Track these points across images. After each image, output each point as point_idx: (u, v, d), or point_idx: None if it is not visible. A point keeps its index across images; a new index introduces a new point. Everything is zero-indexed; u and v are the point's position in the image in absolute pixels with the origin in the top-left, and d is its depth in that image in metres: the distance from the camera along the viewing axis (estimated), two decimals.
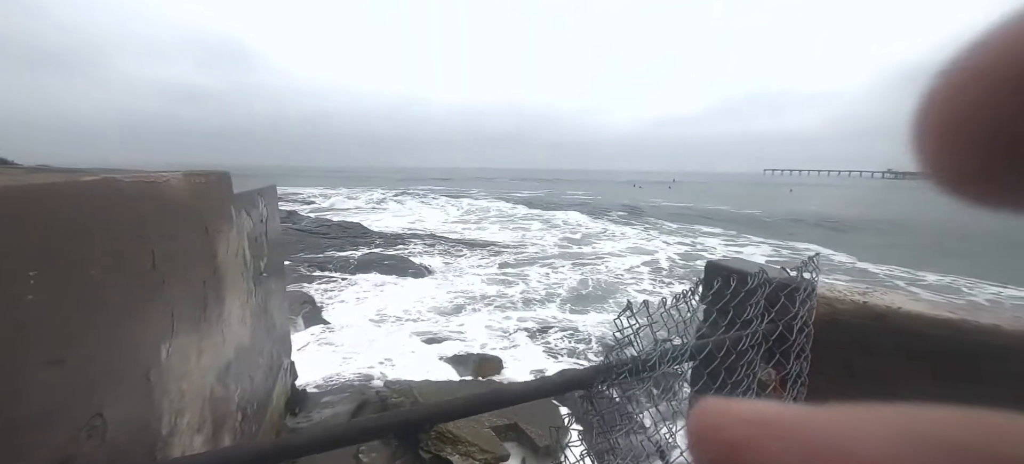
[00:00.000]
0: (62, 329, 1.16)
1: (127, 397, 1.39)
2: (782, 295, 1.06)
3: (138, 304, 1.49)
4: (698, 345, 0.96)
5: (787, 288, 1.06)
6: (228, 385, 2.43)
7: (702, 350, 0.96)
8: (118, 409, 1.34)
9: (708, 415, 0.14)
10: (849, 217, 29.93)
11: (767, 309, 1.04)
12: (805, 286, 1.09)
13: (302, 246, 13.79)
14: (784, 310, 1.06)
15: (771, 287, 1.04)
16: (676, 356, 0.92)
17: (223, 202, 2.55)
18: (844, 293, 1.34)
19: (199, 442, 1.93)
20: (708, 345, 0.96)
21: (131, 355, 1.43)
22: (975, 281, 12.28)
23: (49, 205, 1.12)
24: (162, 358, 1.61)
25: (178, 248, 1.84)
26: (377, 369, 5.85)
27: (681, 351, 0.93)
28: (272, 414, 3.56)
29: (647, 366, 0.86)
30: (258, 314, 3.24)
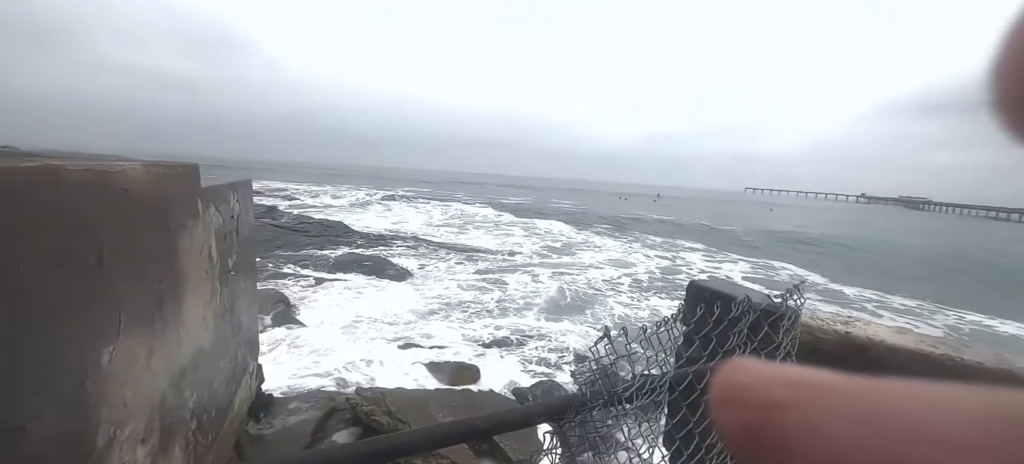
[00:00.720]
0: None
1: (57, 406, 1.26)
2: (766, 324, 1.02)
3: (78, 304, 1.36)
4: (678, 375, 0.90)
5: (771, 316, 1.02)
6: (183, 391, 2.28)
7: (682, 381, 0.91)
8: (45, 420, 1.21)
9: (740, 373, 0.13)
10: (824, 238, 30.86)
11: (750, 337, 1.00)
12: (789, 314, 1.05)
13: (280, 243, 13.41)
14: (767, 339, 1.02)
15: (755, 315, 1.00)
16: (655, 387, 0.86)
17: (188, 196, 2.41)
18: (827, 322, 1.31)
19: (143, 454, 1.78)
20: (688, 375, 0.91)
21: (65, 361, 1.30)
22: (939, 306, 12.74)
23: None
24: (103, 363, 1.47)
25: (132, 243, 1.71)
26: (349, 374, 5.66)
27: (660, 382, 0.88)
28: (233, 421, 3.38)
29: (623, 398, 0.80)
30: (223, 315, 3.08)
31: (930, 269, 19.93)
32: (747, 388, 0.12)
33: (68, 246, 1.31)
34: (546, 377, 6.35)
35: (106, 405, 1.49)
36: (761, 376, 0.12)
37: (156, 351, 1.92)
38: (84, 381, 1.37)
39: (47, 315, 1.23)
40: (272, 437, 3.91)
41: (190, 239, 2.37)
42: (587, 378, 0.81)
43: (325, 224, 17.81)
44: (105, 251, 1.48)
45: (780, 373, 0.12)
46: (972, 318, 11.91)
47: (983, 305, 12.82)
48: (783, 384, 0.12)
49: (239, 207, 3.60)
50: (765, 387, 0.12)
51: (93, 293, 1.42)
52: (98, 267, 1.44)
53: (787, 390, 0.12)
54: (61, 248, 1.27)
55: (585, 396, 0.78)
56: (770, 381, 0.12)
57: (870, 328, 1.30)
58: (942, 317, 11.95)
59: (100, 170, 1.49)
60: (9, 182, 1.12)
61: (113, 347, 1.53)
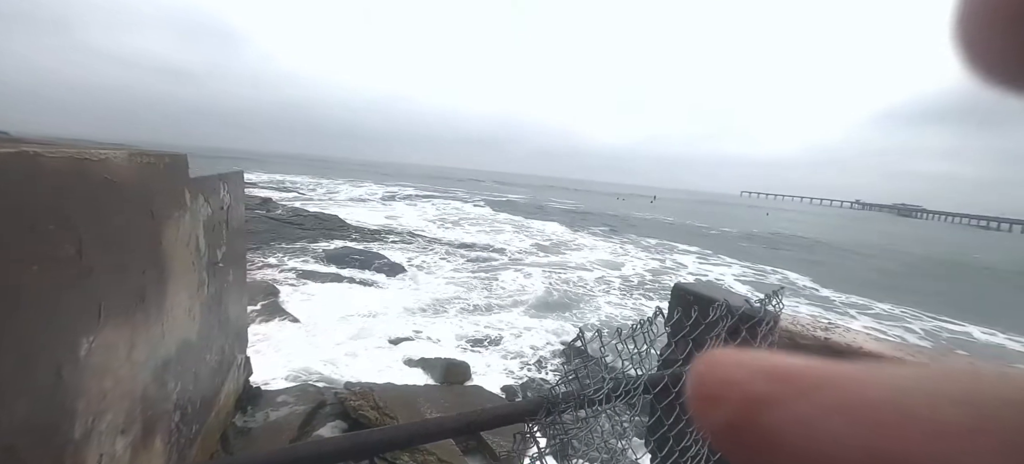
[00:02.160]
0: None
1: (29, 396, 1.25)
2: (743, 328, 1.02)
3: (55, 294, 1.35)
4: (653, 378, 0.90)
5: (750, 320, 1.03)
6: (166, 382, 2.26)
7: (657, 383, 0.91)
8: (17, 410, 1.20)
9: (720, 367, 0.12)
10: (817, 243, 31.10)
11: (727, 342, 1.00)
12: (768, 319, 1.05)
13: (273, 235, 13.33)
14: (745, 344, 1.02)
15: (733, 318, 1.00)
16: (629, 388, 0.87)
17: (175, 186, 2.39)
18: (807, 327, 1.31)
19: (122, 445, 1.77)
20: (664, 378, 0.91)
21: (40, 349, 1.28)
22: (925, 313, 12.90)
23: None
24: (81, 353, 1.46)
25: (114, 233, 1.69)
26: (338, 368, 5.65)
27: (635, 383, 0.88)
28: (219, 413, 3.36)
29: (594, 399, 0.80)
30: (210, 306, 3.06)
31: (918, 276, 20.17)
32: (730, 383, 0.11)
33: (45, 236, 1.29)
34: (535, 375, 6.36)
35: (83, 396, 1.48)
36: (744, 369, 0.12)
37: (138, 342, 1.90)
38: (60, 371, 1.35)
39: (21, 305, 1.21)
40: (259, 430, 3.90)
41: (176, 230, 2.35)
42: (560, 378, 0.80)
43: (319, 217, 17.73)
44: (85, 241, 1.46)
45: (763, 365, 0.11)
46: (954, 327, 12.06)
47: (966, 314, 12.99)
48: (768, 377, 0.11)
49: (230, 199, 3.57)
50: (749, 381, 0.11)
51: (71, 284, 1.40)
52: (77, 257, 1.42)
53: (773, 384, 0.11)
54: (37, 238, 1.26)
55: (557, 397, 0.78)
56: (755, 375, 0.11)
57: (849, 335, 1.31)
58: (922, 324, 12.08)
59: (80, 158, 1.47)
60: None
61: (92, 337, 1.51)
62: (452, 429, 0.75)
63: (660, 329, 0.94)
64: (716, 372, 0.12)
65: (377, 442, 0.65)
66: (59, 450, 1.37)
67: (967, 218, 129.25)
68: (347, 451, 0.63)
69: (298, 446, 0.78)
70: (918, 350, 1.25)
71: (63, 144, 1.59)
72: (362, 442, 0.63)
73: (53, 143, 1.63)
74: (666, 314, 1.58)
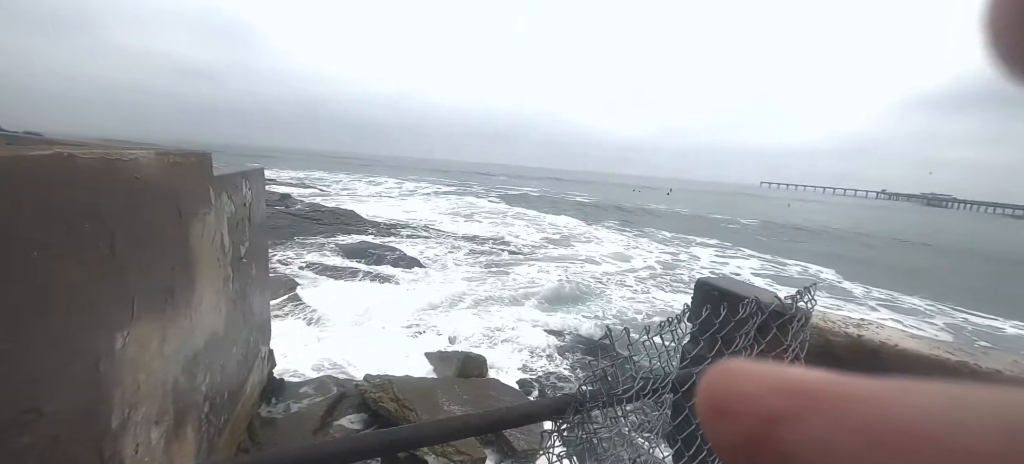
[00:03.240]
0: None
1: (71, 389, 1.30)
2: (774, 325, 1.00)
3: (91, 290, 1.39)
4: (681, 376, 0.89)
5: (780, 318, 1.00)
6: (195, 375, 2.33)
7: (685, 381, 0.89)
8: (59, 402, 1.25)
9: (732, 378, 0.11)
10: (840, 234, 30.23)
11: (757, 339, 0.98)
12: (799, 316, 1.02)
13: (293, 231, 13.60)
14: (775, 341, 0.99)
15: (763, 316, 0.98)
16: (656, 387, 0.85)
17: (201, 184, 2.44)
18: (838, 325, 1.27)
19: (156, 434, 1.84)
20: (692, 376, 0.89)
21: (79, 345, 1.33)
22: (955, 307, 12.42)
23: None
24: (117, 347, 1.51)
25: (144, 231, 1.74)
26: (358, 361, 5.75)
27: (663, 382, 0.86)
28: (245, 404, 3.46)
29: (623, 398, 0.79)
30: (235, 301, 3.14)
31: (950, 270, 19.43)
32: (745, 397, 0.11)
33: (81, 234, 1.33)
34: (549, 368, 6.37)
35: (120, 387, 1.53)
36: (759, 384, 0.11)
37: (169, 336, 1.96)
38: (98, 364, 1.40)
39: (61, 301, 1.26)
40: (283, 420, 4.00)
41: (202, 227, 2.41)
42: (587, 377, 0.80)
43: (336, 212, 18.00)
44: (117, 239, 1.51)
45: (779, 379, 0.11)
46: (977, 321, 11.60)
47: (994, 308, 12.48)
48: (784, 392, 0.11)
49: (251, 195, 3.64)
50: (765, 396, 0.11)
51: (106, 280, 1.45)
52: (111, 254, 1.47)
53: (789, 399, 0.10)
54: (74, 236, 1.30)
55: (585, 396, 0.77)
56: (770, 389, 0.11)
57: (883, 332, 1.26)
58: (945, 319, 11.64)
59: (112, 158, 1.52)
60: (22, 169, 1.14)
61: (127, 332, 1.56)
62: (478, 427, 0.75)
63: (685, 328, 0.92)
64: (728, 384, 0.11)
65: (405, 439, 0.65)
66: (98, 440, 1.43)
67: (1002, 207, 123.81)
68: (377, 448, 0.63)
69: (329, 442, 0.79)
70: (956, 347, 1.20)
71: (94, 144, 1.64)
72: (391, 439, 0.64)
73: (84, 144, 1.68)
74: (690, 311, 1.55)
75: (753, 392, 0.11)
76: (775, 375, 0.11)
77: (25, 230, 1.15)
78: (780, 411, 0.10)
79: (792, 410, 0.10)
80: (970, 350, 1.19)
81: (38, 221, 1.19)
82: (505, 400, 4.86)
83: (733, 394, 0.11)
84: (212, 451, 2.63)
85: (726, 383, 0.12)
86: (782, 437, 0.10)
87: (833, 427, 0.09)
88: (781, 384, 0.11)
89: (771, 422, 0.10)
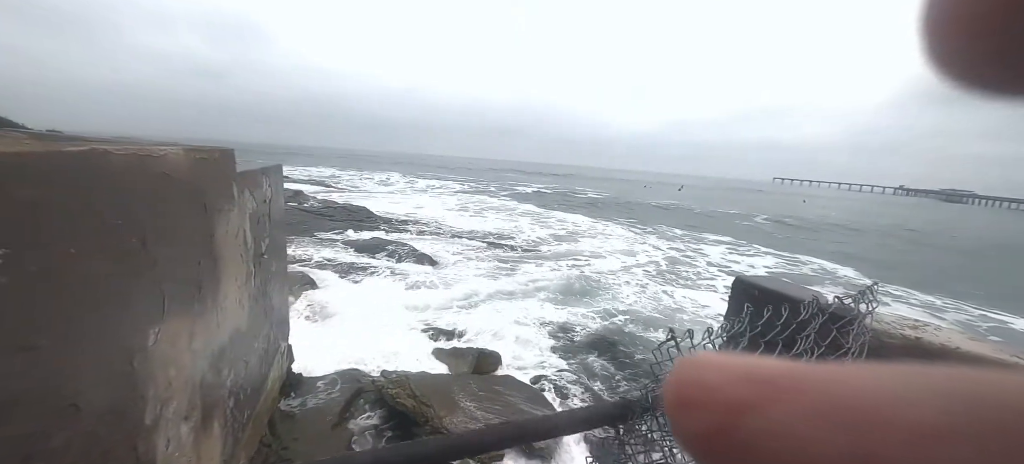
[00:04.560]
0: (36, 313, 1.06)
1: (107, 384, 1.30)
2: (834, 328, 0.95)
3: (125, 286, 1.39)
4: None
5: (841, 320, 0.95)
6: (221, 370, 2.35)
7: None
8: (96, 397, 1.25)
9: (698, 371, 0.12)
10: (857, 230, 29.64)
11: (817, 343, 0.93)
12: (860, 319, 0.97)
13: (306, 227, 13.74)
14: (835, 344, 0.95)
15: (824, 317, 0.93)
16: None
17: (225, 180, 2.45)
18: (893, 325, 1.21)
19: (186, 430, 1.84)
20: None
21: (115, 340, 1.33)
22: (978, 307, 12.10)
23: (23, 176, 1.02)
24: (149, 343, 1.51)
25: (173, 227, 1.74)
26: (374, 356, 5.77)
27: None
28: (266, 399, 3.48)
29: None
30: (257, 297, 3.16)
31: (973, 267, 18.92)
32: (710, 388, 0.11)
33: (114, 230, 1.33)
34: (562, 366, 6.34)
35: (152, 384, 1.53)
36: (723, 374, 0.11)
37: (197, 332, 1.97)
38: (132, 360, 1.40)
39: (96, 297, 1.26)
40: (302, 415, 4.03)
41: (227, 223, 2.41)
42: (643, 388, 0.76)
43: (349, 209, 18.13)
44: (148, 234, 1.51)
45: (743, 369, 0.11)
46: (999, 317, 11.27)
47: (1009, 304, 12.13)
48: (747, 382, 0.11)
49: (271, 192, 3.66)
50: (728, 387, 0.11)
51: (139, 276, 1.45)
52: (142, 250, 1.46)
53: (751, 389, 0.11)
54: (108, 231, 1.30)
55: (645, 400, 0.73)
56: (733, 379, 0.11)
57: (942, 334, 1.20)
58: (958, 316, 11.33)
59: (143, 155, 1.51)
60: (58, 165, 1.13)
61: (158, 328, 1.57)
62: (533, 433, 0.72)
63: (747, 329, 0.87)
64: (693, 375, 0.12)
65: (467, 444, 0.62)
66: (132, 435, 1.44)
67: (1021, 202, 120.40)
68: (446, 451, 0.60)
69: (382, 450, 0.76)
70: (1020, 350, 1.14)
71: (127, 141, 1.64)
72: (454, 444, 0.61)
73: (118, 140, 1.68)
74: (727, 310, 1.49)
75: (716, 383, 0.11)
76: (739, 365, 0.11)
77: (61, 226, 1.15)
78: (742, 401, 0.10)
79: (754, 399, 0.10)
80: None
81: (74, 217, 1.19)
82: (518, 396, 4.84)
83: (697, 385, 0.11)
84: (236, 446, 2.65)
85: (691, 374, 0.12)
86: (744, 426, 0.10)
87: (795, 414, 0.10)
88: (744, 374, 0.11)
89: (734, 412, 0.10)
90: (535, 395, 5.07)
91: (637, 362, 6.65)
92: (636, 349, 7.11)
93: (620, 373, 6.28)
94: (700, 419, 0.11)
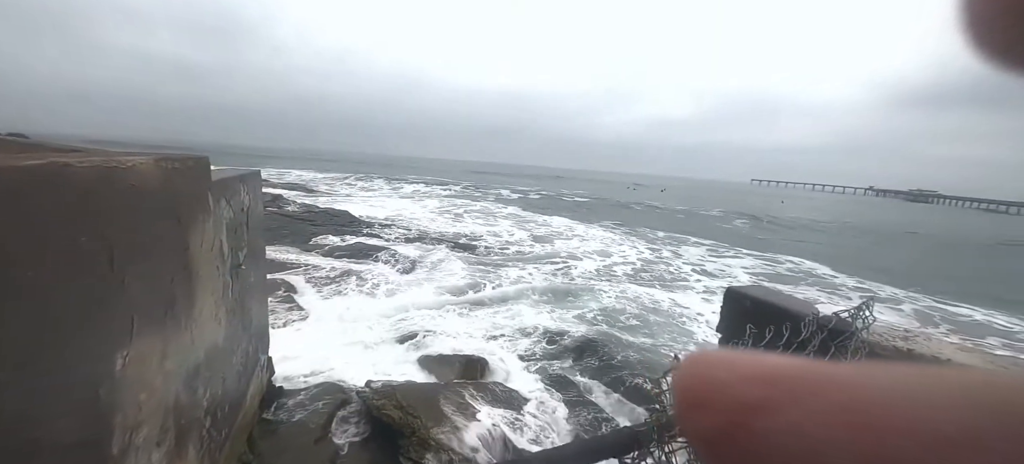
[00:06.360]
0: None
1: (71, 416, 1.21)
2: (833, 344, 0.94)
3: (90, 309, 1.30)
4: None
5: (840, 335, 0.94)
6: (196, 389, 2.24)
7: None
8: (59, 431, 1.16)
9: (708, 368, 0.11)
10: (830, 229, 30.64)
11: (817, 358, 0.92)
12: (858, 333, 0.96)
13: (286, 232, 13.38)
14: (835, 360, 0.94)
15: (823, 335, 0.92)
16: None
17: (200, 190, 2.34)
18: (884, 337, 1.21)
19: (158, 457, 1.74)
20: None
21: (78, 370, 1.24)
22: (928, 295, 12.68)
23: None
24: (117, 369, 1.41)
25: (143, 242, 1.65)
26: (355, 364, 5.64)
27: None
28: (246, 415, 3.35)
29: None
30: (234, 310, 3.03)
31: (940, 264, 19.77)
32: (722, 387, 0.11)
33: (78, 247, 1.24)
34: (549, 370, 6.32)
35: (120, 411, 1.44)
36: (735, 373, 0.11)
37: (170, 351, 1.86)
38: (98, 388, 1.31)
39: (58, 322, 1.17)
40: (284, 430, 3.90)
41: (201, 234, 2.31)
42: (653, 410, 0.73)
43: (330, 213, 17.78)
44: (116, 251, 1.42)
45: (755, 368, 0.11)
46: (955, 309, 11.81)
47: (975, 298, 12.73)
48: (760, 381, 0.10)
49: (249, 199, 3.53)
50: (740, 386, 0.11)
51: (105, 296, 1.36)
52: (109, 270, 1.37)
53: (765, 388, 0.10)
54: (71, 250, 1.20)
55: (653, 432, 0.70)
56: (745, 379, 0.11)
57: (932, 344, 1.21)
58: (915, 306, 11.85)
59: (109, 166, 1.42)
60: (13, 181, 1.05)
61: (126, 351, 1.47)
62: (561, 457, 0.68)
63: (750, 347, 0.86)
64: (703, 374, 0.11)
65: None
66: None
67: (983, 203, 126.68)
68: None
69: None
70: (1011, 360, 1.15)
71: (91, 151, 1.54)
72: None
73: (80, 150, 1.58)
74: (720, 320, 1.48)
75: (727, 381, 0.11)
76: (750, 364, 0.11)
77: (18, 247, 1.06)
78: (756, 400, 0.10)
79: (768, 399, 0.10)
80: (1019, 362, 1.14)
81: (32, 237, 1.10)
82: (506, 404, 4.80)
83: (709, 384, 0.11)
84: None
85: (701, 373, 0.11)
86: (758, 426, 0.10)
87: (810, 414, 0.09)
88: (756, 373, 0.11)
89: (747, 412, 0.10)
90: (523, 401, 5.03)
91: (623, 364, 6.68)
92: (623, 351, 7.15)
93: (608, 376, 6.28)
94: (711, 418, 0.10)
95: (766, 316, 1.15)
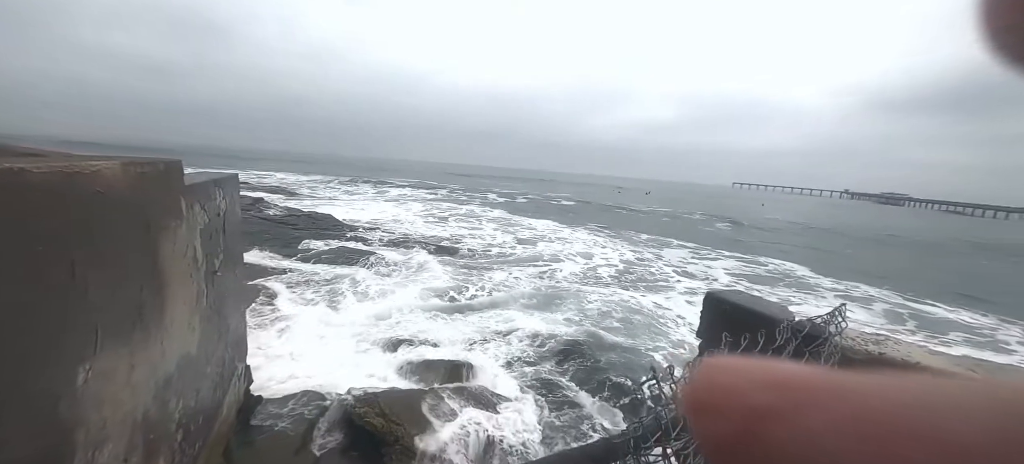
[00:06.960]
0: None
1: (28, 436, 1.14)
2: (807, 350, 0.95)
3: (48, 321, 1.24)
4: None
5: (814, 341, 0.95)
6: (168, 401, 2.15)
7: None
8: (15, 450, 1.09)
9: (720, 374, 0.11)
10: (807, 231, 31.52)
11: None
12: (832, 338, 0.98)
13: (267, 237, 13.09)
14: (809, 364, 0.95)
15: (798, 341, 0.93)
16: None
17: (171, 194, 2.26)
18: (858, 341, 1.24)
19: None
20: None
21: (36, 384, 1.18)
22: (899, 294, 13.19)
23: None
24: (78, 383, 1.35)
25: (108, 250, 1.58)
26: (337, 371, 5.52)
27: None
28: (221, 426, 3.25)
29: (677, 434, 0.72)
30: (210, 317, 2.94)
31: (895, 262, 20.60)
32: (733, 393, 0.11)
33: (35, 259, 1.18)
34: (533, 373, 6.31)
35: (82, 427, 1.37)
36: (746, 379, 0.11)
37: (138, 363, 1.79)
38: (57, 404, 1.25)
39: (13, 336, 1.10)
40: (262, 441, 3.79)
41: (173, 241, 2.23)
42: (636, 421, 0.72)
43: (313, 217, 17.48)
44: (78, 261, 1.35)
45: (767, 374, 0.11)
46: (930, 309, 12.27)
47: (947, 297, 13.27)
48: (773, 388, 0.10)
49: (225, 203, 3.44)
50: (753, 392, 0.11)
51: (66, 308, 1.29)
52: (70, 280, 1.31)
53: (777, 395, 0.10)
54: (27, 262, 1.14)
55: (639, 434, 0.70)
56: (757, 385, 0.11)
57: (903, 347, 1.23)
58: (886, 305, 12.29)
59: (71, 172, 1.36)
60: None
61: (89, 365, 1.40)
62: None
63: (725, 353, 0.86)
64: (716, 380, 0.11)
65: None
66: None
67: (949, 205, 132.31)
68: None
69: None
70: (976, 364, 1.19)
71: (52, 155, 1.47)
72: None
73: (41, 154, 1.50)
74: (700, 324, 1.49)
75: (740, 388, 0.11)
76: (762, 370, 0.11)
77: None
78: (768, 407, 0.10)
79: (780, 406, 0.10)
80: (989, 367, 1.17)
81: None
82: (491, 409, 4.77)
83: (720, 390, 0.11)
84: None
85: (712, 379, 0.11)
86: (771, 433, 0.10)
87: (821, 421, 0.09)
88: (768, 379, 0.11)
89: (759, 418, 0.10)
90: (507, 405, 5.01)
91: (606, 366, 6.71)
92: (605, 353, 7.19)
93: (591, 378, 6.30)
94: (723, 425, 0.10)
95: (743, 321, 1.16)
